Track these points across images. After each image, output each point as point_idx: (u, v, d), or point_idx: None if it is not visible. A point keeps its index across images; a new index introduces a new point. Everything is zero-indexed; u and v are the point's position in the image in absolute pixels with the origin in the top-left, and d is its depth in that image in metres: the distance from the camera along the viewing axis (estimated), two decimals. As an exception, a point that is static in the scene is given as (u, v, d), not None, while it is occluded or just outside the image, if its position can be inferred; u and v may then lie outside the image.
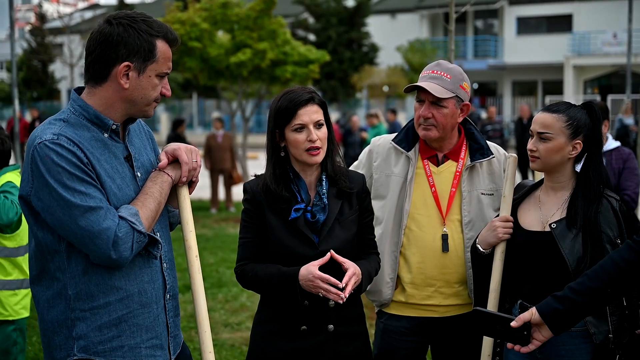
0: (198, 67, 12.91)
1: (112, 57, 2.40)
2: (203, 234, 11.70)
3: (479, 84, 38.77)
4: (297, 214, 2.92)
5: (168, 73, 2.52)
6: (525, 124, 16.40)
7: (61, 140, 2.33)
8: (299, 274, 2.83)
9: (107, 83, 2.44)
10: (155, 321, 2.54)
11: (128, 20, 2.42)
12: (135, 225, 2.36)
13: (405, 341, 3.39)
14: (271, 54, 12.53)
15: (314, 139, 2.89)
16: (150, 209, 2.44)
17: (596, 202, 2.95)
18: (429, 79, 3.28)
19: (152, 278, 2.53)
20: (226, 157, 14.22)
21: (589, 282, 2.66)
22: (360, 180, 3.09)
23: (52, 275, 2.44)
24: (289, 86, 13.54)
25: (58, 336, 2.44)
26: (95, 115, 2.44)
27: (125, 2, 37.69)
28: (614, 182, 5.29)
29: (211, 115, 36.96)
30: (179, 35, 2.56)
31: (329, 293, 2.78)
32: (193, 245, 2.60)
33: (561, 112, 2.99)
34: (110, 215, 2.33)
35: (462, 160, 3.39)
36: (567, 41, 35.08)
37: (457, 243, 3.33)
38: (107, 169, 2.42)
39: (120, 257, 2.34)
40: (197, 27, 12.41)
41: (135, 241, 2.37)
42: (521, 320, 2.70)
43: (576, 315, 2.69)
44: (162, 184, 2.51)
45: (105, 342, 2.44)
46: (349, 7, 35.51)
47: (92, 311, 2.42)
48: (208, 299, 7.57)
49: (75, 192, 2.31)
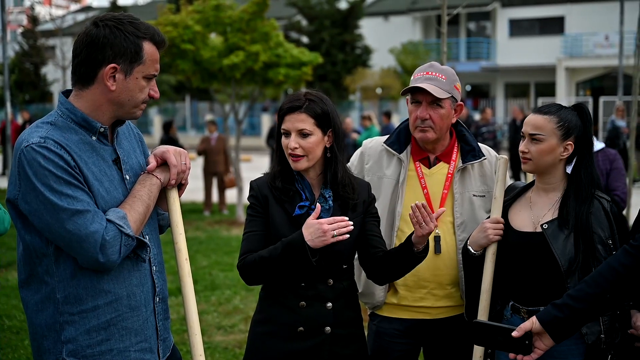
0: (191, 69, 12.88)
1: (99, 59, 2.40)
2: (196, 236, 11.69)
3: (471, 86, 38.84)
4: (301, 211, 2.92)
5: (155, 75, 2.51)
6: (518, 125, 16.45)
7: (48, 143, 2.32)
8: (303, 235, 2.78)
9: (94, 85, 2.43)
10: (144, 324, 2.53)
11: (114, 22, 2.42)
12: (123, 228, 2.35)
13: (397, 343, 3.40)
14: (264, 56, 12.51)
15: (291, 147, 2.89)
16: (138, 212, 2.43)
17: (588, 203, 2.96)
18: (426, 80, 3.28)
19: (141, 281, 2.52)
20: (219, 160, 14.26)
21: (588, 288, 2.66)
22: (366, 189, 3.08)
23: (40, 278, 2.42)
24: (282, 89, 13.60)
25: (47, 340, 2.43)
26: (83, 118, 2.43)
27: (117, 5, 37.62)
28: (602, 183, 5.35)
29: (204, 117, 36.96)
30: (167, 37, 2.55)
31: (339, 229, 2.74)
32: (183, 248, 2.59)
33: (552, 113, 3.00)
34: (97, 219, 2.32)
35: (454, 162, 3.39)
36: (560, 43, 35.17)
37: (450, 245, 3.34)
38: (94, 171, 2.41)
39: (107, 260, 2.33)
40: (189, 30, 12.38)
41: (123, 244, 2.36)
42: (522, 329, 2.70)
43: (577, 323, 2.69)
44: (151, 186, 2.50)
45: (94, 346, 2.43)
46: (342, 10, 35.52)
47: (81, 315, 2.41)
48: (201, 301, 7.57)
49: (63, 195, 2.30)
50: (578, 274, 2.88)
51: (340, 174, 2.97)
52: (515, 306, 3.04)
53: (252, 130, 38.64)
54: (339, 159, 2.98)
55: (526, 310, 3.00)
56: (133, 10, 42.46)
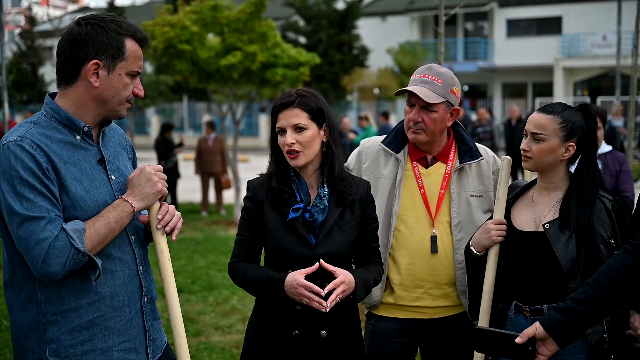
0: (188, 69, 12.88)
1: (81, 57, 2.41)
2: (194, 236, 11.70)
3: (469, 86, 38.85)
4: (295, 214, 2.92)
5: (139, 72, 2.51)
6: (514, 125, 16.44)
7: (24, 142, 2.31)
8: (285, 281, 2.83)
9: (77, 83, 2.44)
10: (128, 324, 2.52)
11: (96, 20, 2.44)
12: (75, 242, 2.30)
13: (394, 343, 3.40)
14: (261, 56, 12.51)
15: (288, 143, 2.89)
16: (99, 233, 2.38)
17: (590, 204, 2.95)
18: (420, 83, 3.28)
19: (125, 281, 2.51)
20: (216, 161, 14.28)
21: (591, 290, 2.65)
22: (365, 187, 3.08)
23: (20, 280, 2.42)
24: (279, 89, 13.60)
25: (30, 340, 2.42)
26: (66, 117, 2.43)
27: (114, 5, 37.57)
28: (612, 184, 5.38)
29: (202, 118, 36.94)
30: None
31: (311, 302, 2.79)
32: (165, 249, 2.57)
33: (556, 113, 2.98)
34: (50, 227, 2.29)
35: (451, 162, 3.40)
36: (557, 43, 35.20)
37: (446, 244, 3.34)
38: (73, 171, 2.40)
39: (48, 271, 2.29)
40: (187, 30, 12.38)
41: (71, 258, 2.30)
42: (526, 335, 2.69)
43: (581, 326, 2.68)
44: (122, 212, 2.45)
45: (77, 346, 2.42)
46: (340, 10, 35.50)
47: (64, 314, 2.41)
48: (199, 301, 7.57)
49: (23, 198, 2.28)
50: (580, 274, 2.87)
51: (338, 167, 2.98)
52: (519, 305, 3.03)
53: (249, 130, 38.64)
54: (335, 153, 2.99)
55: (529, 309, 2.99)
56: (130, 10, 42.36)
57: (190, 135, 37.51)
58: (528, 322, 2.96)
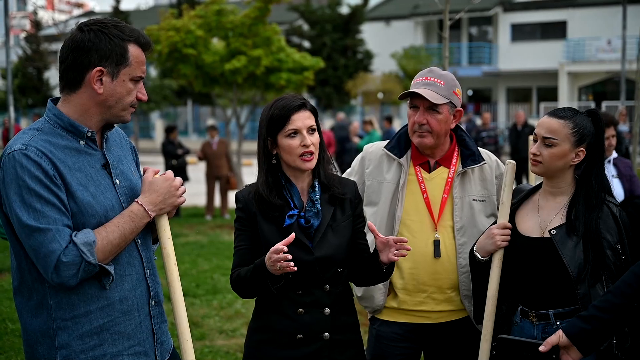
0: (193, 74, 12.92)
1: (85, 63, 2.40)
2: (198, 240, 11.70)
3: (473, 91, 38.84)
4: (291, 221, 2.91)
5: (142, 77, 2.51)
6: (519, 130, 16.41)
7: (29, 150, 2.32)
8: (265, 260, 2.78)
9: (81, 89, 2.44)
10: (137, 328, 2.52)
11: (99, 26, 2.43)
12: (86, 255, 2.31)
13: (398, 347, 3.39)
14: (266, 60, 12.55)
15: (308, 144, 2.89)
16: (112, 244, 2.39)
17: (597, 209, 2.94)
18: (423, 86, 3.29)
19: (134, 285, 2.51)
20: (222, 164, 14.25)
21: (614, 298, 2.63)
22: (352, 187, 3.10)
23: (30, 286, 2.42)
24: (283, 93, 13.62)
25: (41, 346, 2.43)
26: (70, 123, 2.43)
27: (119, 9, 37.67)
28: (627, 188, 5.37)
29: (206, 122, 36.96)
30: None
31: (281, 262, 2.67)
32: (171, 253, 2.57)
33: (568, 118, 2.97)
34: (58, 238, 2.30)
35: (454, 166, 3.40)
36: (562, 48, 35.18)
37: (449, 249, 3.34)
38: (79, 177, 2.40)
39: (62, 281, 2.31)
40: (191, 34, 12.42)
41: (83, 269, 2.32)
42: (549, 344, 2.67)
43: (604, 334, 2.66)
44: (139, 223, 2.46)
45: (87, 351, 2.42)
46: (344, 14, 35.55)
47: (74, 320, 2.41)
48: (203, 305, 7.57)
49: (30, 209, 2.29)
50: (588, 280, 2.86)
51: (328, 167, 3.02)
52: (524, 310, 3.02)
53: (253, 134, 38.64)
54: (326, 155, 3.03)
55: (535, 313, 2.98)
56: (135, 15, 42.47)
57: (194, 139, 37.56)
58: (534, 327, 2.96)
